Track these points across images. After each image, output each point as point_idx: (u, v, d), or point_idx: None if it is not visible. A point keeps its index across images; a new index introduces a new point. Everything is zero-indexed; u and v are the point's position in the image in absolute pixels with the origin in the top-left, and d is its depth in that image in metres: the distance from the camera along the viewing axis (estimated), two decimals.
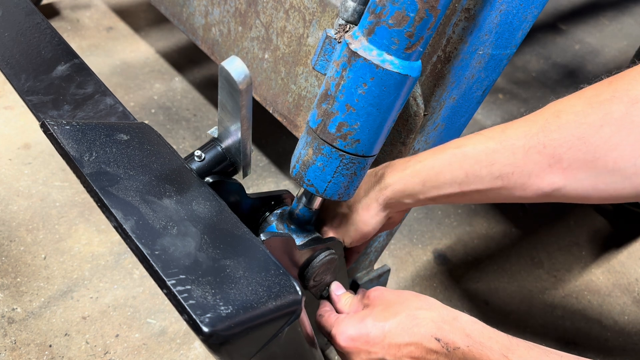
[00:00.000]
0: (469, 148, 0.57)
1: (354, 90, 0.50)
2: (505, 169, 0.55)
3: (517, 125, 0.56)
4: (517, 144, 0.54)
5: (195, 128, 1.42)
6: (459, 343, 0.52)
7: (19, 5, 0.71)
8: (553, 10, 2.35)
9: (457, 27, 0.60)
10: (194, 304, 0.38)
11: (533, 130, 0.54)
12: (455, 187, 0.58)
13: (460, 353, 0.52)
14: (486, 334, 0.53)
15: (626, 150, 0.48)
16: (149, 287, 1.04)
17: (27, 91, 0.61)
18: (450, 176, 0.58)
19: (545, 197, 0.55)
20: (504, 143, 0.55)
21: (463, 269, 1.25)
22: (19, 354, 0.91)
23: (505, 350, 0.51)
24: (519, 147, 0.54)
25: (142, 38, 1.68)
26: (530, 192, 0.55)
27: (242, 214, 0.66)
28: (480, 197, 0.59)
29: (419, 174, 0.60)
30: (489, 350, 0.51)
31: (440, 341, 0.53)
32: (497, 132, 0.57)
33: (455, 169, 0.57)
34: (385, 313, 0.57)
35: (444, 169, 0.58)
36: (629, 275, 1.31)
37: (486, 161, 0.56)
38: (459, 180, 0.58)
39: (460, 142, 0.59)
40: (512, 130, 0.55)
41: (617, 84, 0.50)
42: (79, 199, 1.17)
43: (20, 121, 1.32)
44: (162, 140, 0.59)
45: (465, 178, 0.57)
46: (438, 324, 0.54)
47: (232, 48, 0.93)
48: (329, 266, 0.66)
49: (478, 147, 0.57)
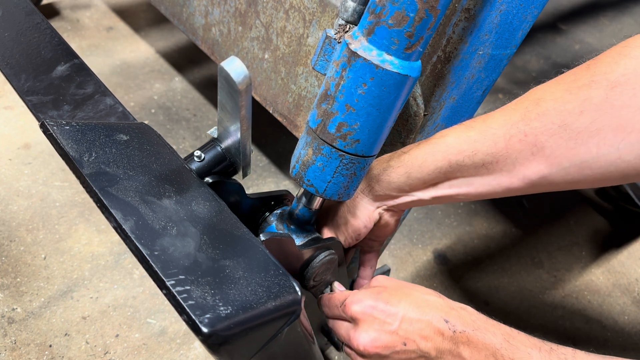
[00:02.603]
0: (451, 138, 0.58)
1: (353, 90, 0.50)
2: (488, 158, 0.55)
3: (498, 115, 0.56)
4: (498, 133, 0.54)
5: (195, 128, 1.42)
6: (465, 327, 0.55)
7: (19, 5, 0.71)
8: (553, 10, 2.35)
9: (457, 27, 0.60)
10: (193, 305, 0.38)
11: (513, 118, 0.54)
12: (440, 176, 0.59)
13: (465, 337, 0.54)
14: (490, 322, 0.56)
15: (608, 135, 0.48)
16: (149, 287, 1.04)
17: (27, 91, 0.61)
18: (434, 166, 0.58)
19: (533, 185, 0.55)
20: (485, 133, 0.55)
21: (463, 269, 1.25)
22: (19, 354, 0.91)
23: (507, 337, 0.53)
24: (500, 137, 0.54)
25: (142, 38, 1.68)
26: (518, 181, 0.55)
27: (242, 214, 0.66)
28: (468, 188, 0.59)
29: (403, 164, 0.60)
30: (492, 335, 0.54)
31: (448, 322, 0.55)
32: (478, 122, 0.57)
33: (438, 159, 0.58)
34: (399, 292, 0.59)
35: (427, 158, 0.59)
36: (629, 275, 1.31)
37: (468, 150, 0.56)
38: (444, 170, 0.58)
39: (443, 133, 0.59)
40: (492, 119, 0.56)
41: (595, 67, 0.50)
42: (79, 199, 1.17)
43: (20, 121, 1.32)
44: (162, 141, 0.59)
45: (450, 168, 0.58)
46: (447, 309, 0.56)
47: (232, 48, 0.93)
48: (329, 266, 0.66)
49: (460, 137, 0.57)
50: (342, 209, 0.68)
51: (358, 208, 0.66)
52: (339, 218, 0.68)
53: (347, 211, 0.67)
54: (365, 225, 0.66)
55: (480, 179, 0.57)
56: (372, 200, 0.65)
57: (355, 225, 0.66)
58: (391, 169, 0.61)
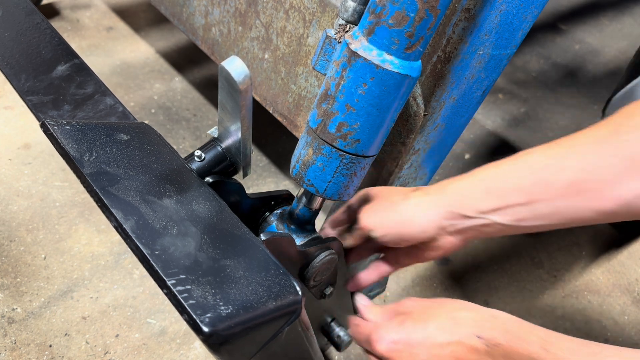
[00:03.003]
0: (537, 155, 0.54)
1: (354, 90, 0.50)
2: (577, 175, 0.50)
3: (587, 130, 0.52)
4: (587, 147, 0.50)
5: (195, 128, 1.42)
6: (499, 339, 0.52)
7: (19, 5, 0.71)
8: (553, 10, 2.35)
9: (457, 27, 0.60)
10: (194, 304, 0.38)
11: (604, 132, 0.50)
12: (522, 196, 0.53)
13: (501, 349, 0.52)
14: (524, 328, 0.53)
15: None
16: (149, 287, 1.04)
17: (27, 91, 0.61)
18: (518, 182, 0.54)
19: (627, 206, 0.49)
20: (573, 147, 0.51)
21: (463, 269, 1.25)
22: (19, 354, 0.91)
23: (543, 343, 0.50)
24: (590, 151, 0.50)
25: (142, 38, 1.68)
26: (609, 201, 0.50)
27: (242, 214, 0.66)
28: (549, 209, 0.53)
29: (483, 180, 0.56)
30: (527, 344, 0.51)
31: (481, 339, 0.52)
32: (566, 139, 0.53)
33: (522, 175, 0.53)
34: (424, 316, 0.56)
35: (510, 174, 0.54)
36: (629, 275, 1.31)
37: (555, 166, 0.52)
38: (526, 189, 0.53)
39: (528, 151, 0.55)
40: (581, 134, 0.52)
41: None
42: (79, 199, 1.17)
43: (20, 121, 1.32)
44: (162, 140, 0.59)
45: (533, 186, 0.53)
46: (478, 323, 0.54)
47: (232, 48, 0.93)
48: (329, 266, 0.66)
49: (546, 152, 0.53)
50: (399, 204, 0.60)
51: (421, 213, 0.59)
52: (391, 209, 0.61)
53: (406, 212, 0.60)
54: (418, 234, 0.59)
55: (565, 202, 0.52)
56: (437, 214, 0.58)
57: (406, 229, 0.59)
58: (471, 184, 0.57)
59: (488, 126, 1.61)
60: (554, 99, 1.77)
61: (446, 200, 0.58)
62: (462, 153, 1.52)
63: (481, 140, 1.57)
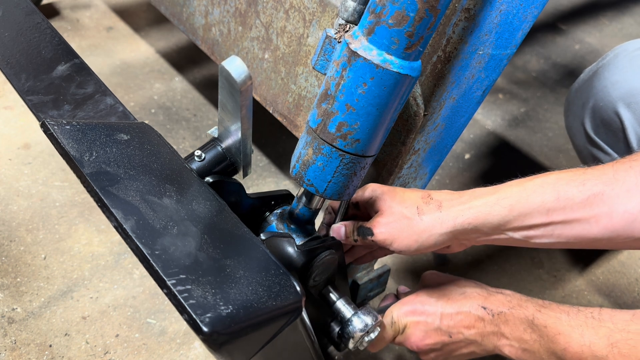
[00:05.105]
0: (561, 173, 0.57)
1: (354, 90, 0.50)
2: (596, 188, 0.53)
3: None
4: (606, 164, 0.55)
5: (195, 128, 1.42)
6: (502, 308, 0.60)
7: (19, 5, 0.71)
8: (553, 10, 2.35)
9: (457, 27, 0.60)
10: (194, 304, 0.38)
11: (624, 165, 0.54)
12: (543, 215, 0.55)
13: (503, 317, 0.60)
14: (524, 298, 0.61)
15: None
16: (149, 287, 1.04)
17: (27, 91, 0.61)
18: (541, 199, 0.55)
19: (630, 225, 0.52)
20: (595, 166, 0.55)
21: (463, 269, 1.25)
22: (19, 354, 0.91)
23: (539, 307, 0.58)
24: (608, 167, 0.54)
25: (142, 38, 1.68)
26: (617, 217, 0.52)
27: (242, 214, 0.66)
28: (563, 230, 0.56)
29: (507, 197, 0.57)
30: (525, 309, 0.59)
31: (486, 309, 0.61)
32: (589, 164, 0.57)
33: (547, 191, 0.55)
34: (437, 290, 0.65)
35: (535, 191, 0.56)
36: (629, 275, 1.31)
37: (578, 180, 0.54)
38: (549, 205, 0.55)
39: (550, 172, 0.58)
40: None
41: None
42: (79, 199, 1.17)
43: (20, 121, 1.32)
44: (162, 140, 0.59)
45: (556, 202, 0.55)
46: (484, 296, 0.62)
47: (232, 48, 0.93)
48: (329, 266, 0.66)
49: (570, 171, 0.56)
50: (416, 219, 0.60)
51: (436, 231, 0.59)
52: (407, 223, 0.60)
53: (423, 228, 0.59)
54: (429, 246, 0.60)
55: (581, 220, 0.54)
56: (458, 230, 0.58)
57: (425, 244, 0.60)
58: (494, 201, 0.57)
59: (488, 126, 1.61)
60: (554, 99, 1.77)
61: (464, 219, 0.58)
62: (462, 153, 1.52)
63: (481, 140, 1.57)
